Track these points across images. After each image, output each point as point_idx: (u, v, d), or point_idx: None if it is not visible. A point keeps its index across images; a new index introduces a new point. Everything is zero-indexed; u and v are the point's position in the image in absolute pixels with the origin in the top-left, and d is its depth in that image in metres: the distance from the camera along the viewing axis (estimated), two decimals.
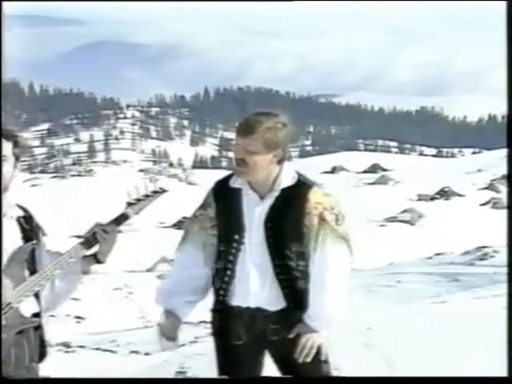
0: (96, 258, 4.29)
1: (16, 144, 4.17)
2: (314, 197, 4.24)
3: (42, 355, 4.31)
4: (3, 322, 4.07)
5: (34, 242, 4.25)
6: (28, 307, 4.18)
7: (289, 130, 4.27)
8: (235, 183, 4.36)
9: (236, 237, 4.31)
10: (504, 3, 4.96)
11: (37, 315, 4.25)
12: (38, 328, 4.27)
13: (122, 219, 4.26)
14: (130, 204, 4.27)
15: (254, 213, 4.30)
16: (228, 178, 4.43)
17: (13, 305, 4.09)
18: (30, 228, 4.27)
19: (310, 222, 4.22)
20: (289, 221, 4.25)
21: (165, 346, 4.57)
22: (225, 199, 4.38)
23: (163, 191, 4.34)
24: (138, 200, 4.28)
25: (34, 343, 4.25)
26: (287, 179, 4.30)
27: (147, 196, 4.30)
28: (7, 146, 4.15)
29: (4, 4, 5.46)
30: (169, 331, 4.49)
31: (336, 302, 4.25)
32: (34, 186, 78.10)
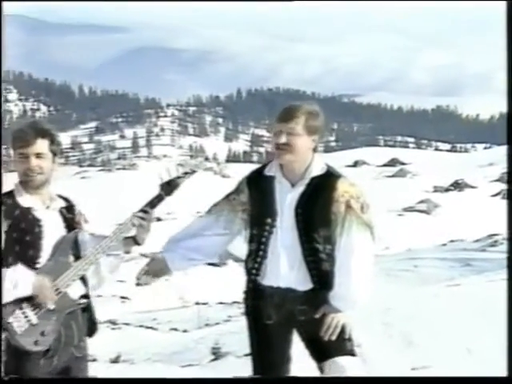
0: (135, 240, 4.27)
1: (52, 141, 4.15)
2: (342, 186, 4.23)
3: (91, 332, 4.31)
4: (52, 306, 4.07)
5: (77, 230, 4.25)
6: (75, 290, 4.18)
7: (323, 119, 4.32)
8: (270, 171, 4.36)
9: (268, 221, 4.30)
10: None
11: (84, 297, 4.24)
12: (86, 309, 4.27)
13: (156, 201, 4.25)
14: (163, 186, 4.26)
15: (286, 199, 4.28)
16: (262, 168, 4.43)
17: (60, 290, 4.08)
18: (72, 217, 4.26)
19: (338, 209, 4.21)
20: (318, 207, 4.24)
21: (143, 280, 4.58)
22: (258, 186, 4.38)
23: (192, 172, 4.32)
24: (170, 182, 4.27)
25: (82, 323, 4.24)
26: (317, 169, 4.29)
27: (178, 177, 4.28)
28: (44, 144, 4.13)
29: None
30: (154, 273, 4.52)
31: (360, 285, 4.23)
32: (83, 178, 78.60)
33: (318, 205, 4.22)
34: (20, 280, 3.98)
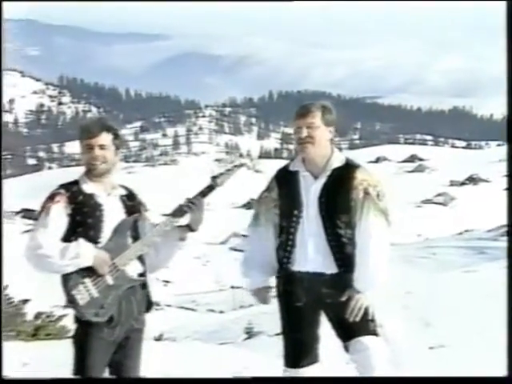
0: (189, 227, 4.33)
1: (116, 136, 4.29)
2: (360, 175, 4.28)
3: (148, 307, 4.39)
4: (111, 282, 4.14)
5: (136, 215, 4.33)
6: (134, 269, 4.27)
7: (335, 113, 4.41)
8: (294, 167, 4.41)
9: (295, 212, 4.34)
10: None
11: (142, 275, 4.32)
12: (144, 286, 4.35)
13: (207, 190, 4.32)
14: (214, 177, 4.32)
15: (310, 190, 4.32)
16: (287, 165, 4.49)
17: (119, 267, 4.18)
18: (132, 204, 4.35)
19: (357, 195, 4.24)
20: (339, 196, 4.27)
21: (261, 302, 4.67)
22: (285, 182, 4.41)
23: (241, 165, 4.40)
24: (221, 174, 4.32)
25: (141, 299, 4.32)
26: (337, 161, 4.34)
27: (228, 170, 4.34)
28: (108, 137, 4.26)
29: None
30: (261, 296, 4.59)
31: (377, 265, 4.24)
32: (129, 173, 78.85)
33: (339, 193, 4.26)
34: (82, 251, 4.08)
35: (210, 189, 4.32)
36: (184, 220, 4.30)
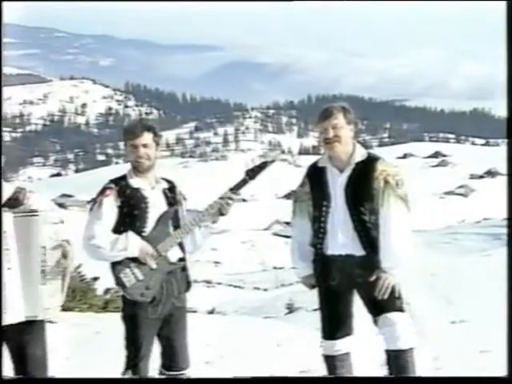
0: (221, 212, 4.28)
1: (155, 134, 4.26)
2: (381, 166, 4.26)
3: (187, 288, 4.35)
4: (155, 266, 4.15)
5: (177, 206, 4.31)
6: (174, 254, 4.25)
7: (353, 112, 4.38)
8: (322, 163, 4.41)
9: (325, 203, 4.32)
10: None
11: (181, 260, 4.31)
12: (184, 269, 4.33)
13: (242, 184, 4.28)
14: (247, 172, 4.28)
15: (336, 183, 4.31)
16: (316, 162, 4.49)
17: (161, 253, 4.18)
18: (173, 196, 4.33)
19: (378, 184, 4.21)
20: (362, 186, 4.25)
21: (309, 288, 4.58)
22: (315, 177, 4.40)
23: (272, 161, 4.34)
24: (254, 169, 4.28)
25: (181, 280, 4.30)
26: (359, 156, 4.32)
27: (260, 165, 4.30)
28: (149, 136, 4.23)
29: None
30: (308, 283, 4.52)
31: (399, 245, 4.20)
32: (185, 167, 79.34)
33: (362, 184, 4.23)
34: (129, 244, 4.09)
35: (244, 182, 4.29)
36: (216, 207, 4.27)
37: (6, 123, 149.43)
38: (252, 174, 4.28)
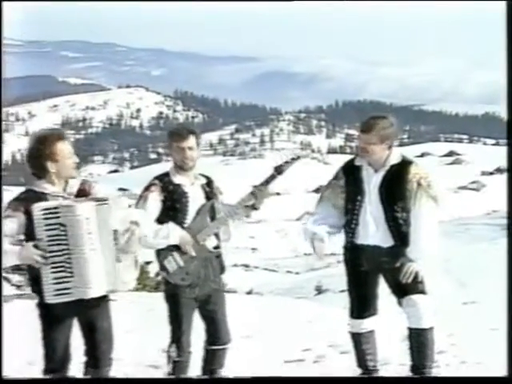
0: (254, 206, 4.28)
1: (197, 137, 4.26)
2: (414, 169, 4.23)
3: (222, 272, 4.37)
4: (194, 254, 4.18)
5: (213, 199, 4.31)
6: (211, 243, 4.27)
7: (394, 128, 4.28)
8: (358, 162, 4.36)
9: (359, 197, 4.29)
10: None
11: (217, 247, 4.32)
12: (219, 256, 4.34)
13: (271, 179, 4.27)
14: (276, 168, 4.28)
15: (371, 181, 4.27)
16: (353, 159, 4.43)
17: (200, 242, 4.20)
18: (210, 190, 4.33)
19: (411, 186, 4.19)
20: (396, 186, 4.21)
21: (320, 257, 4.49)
22: (351, 173, 4.36)
23: (298, 158, 4.35)
24: (281, 165, 4.28)
25: (216, 265, 4.32)
26: (394, 158, 4.27)
27: (287, 162, 4.30)
28: (193, 139, 4.24)
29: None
30: (319, 250, 4.42)
31: (427, 240, 4.20)
32: (226, 164, 79.38)
33: (396, 184, 4.18)
34: (171, 233, 4.11)
35: (272, 177, 4.28)
36: (251, 201, 4.27)
37: (71, 126, 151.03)
38: (279, 169, 4.28)
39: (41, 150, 3.77)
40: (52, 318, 3.84)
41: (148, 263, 12.20)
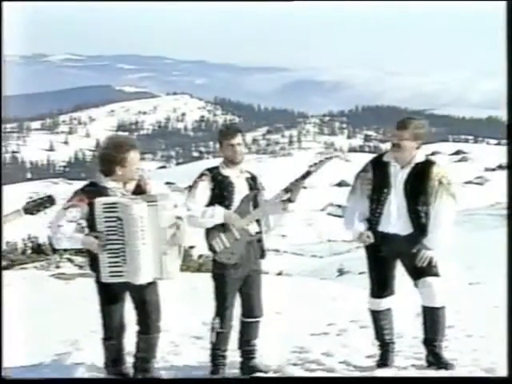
0: (290, 200, 4.28)
1: (242, 134, 4.28)
2: (436, 169, 4.20)
3: (262, 255, 4.34)
4: (238, 237, 4.17)
5: (256, 191, 4.31)
6: (253, 228, 4.25)
7: (426, 130, 4.26)
8: (387, 158, 4.30)
9: (385, 190, 4.24)
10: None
11: (258, 233, 4.29)
12: (259, 240, 4.32)
13: (306, 175, 4.26)
14: (310, 166, 4.27)
15: (397, 176, 4.23)
16: (381, 155, 4.38)
17: (243, 227, 4.18)
18: (254, 184, 4.32)
19: (433, 183, 4.16)
20: (419, 183, 4.18)
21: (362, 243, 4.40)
22: (379, 168, 4.30)
23: (331, 158, 4.35)
24: (315, 164, 4.27)
25: (257, 248, 4.29)
26: (419, 158, 4.24)
27: (320, 161, 4.29)
28: (240, 137, 4.26)
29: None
30: (362, 239, 4.31)
31: (445, 233, 4.19)
32: (259, 162, 79.33)
33: (420, 181, 4.15)
34: (216, 212, 4.11)
35: (307, 174, 4.26)
36: (287, 195, 4.27)
37: (125, 129, 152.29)
38: (314, 168, 4.26)
39: (114, 156, 3.89)
40: (107, 293, 3.96)
41: (191, 247, 12.28)
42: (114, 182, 3.90)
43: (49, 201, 3.63)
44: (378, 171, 4.28)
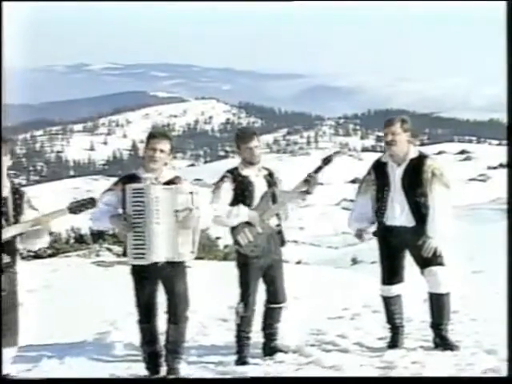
0: (307, 191, 4.28)
1: (257, 136, 4.28)
2: (429, 162, 4.17)
3: (282, 245, 4.34)
4: (261, 230, 4.16)
5: (274, 187, 4.29)
6: (273, 222, 4.25)
7: (410, 123, 4.26)
8: (384, 159, 4.31)
9: (386, 188, 4.24)
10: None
11: (278, 225, 4.29)
12: (280, 232, 4.31)
13: (318, 169, 4.29)
14: (322, 160, 4.30)
15: (395, 174, 4.22)
16: (380, 157, 4.38)
17: (264, 221, 4.17)
18: (272, 179, 4.31)
19: (427, 175, 4.13)
20: (415, 176, 4.15)
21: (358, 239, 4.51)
22: (379, 169, 4.31)
23: (338, 152, 4.42)
24: (327, 157, 4.31)
25: (277, 240, 4.29)
26: (412, 154, 4.22)
27: (330, 155, 4.33)
28: (257, 139, 4.24)
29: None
30: (358, 235, 4.43)
31: (442, 220, 4.14)
32: (279, 160, 79.37)
33: (415, 175, 4.12)
34: (240, 212, 4.11)
35: (320, 167, 4.29)
36: (304, 187, 4.28)
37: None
38: (325, 162, 4.29)
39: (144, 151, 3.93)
40: (139, 279, 3.92)
41: (218, 238, 12.34)
42: (148, 174, 3.89)
43: (91, 202, 3.61)
44: (379, 172, 4.30)
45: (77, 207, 3.58)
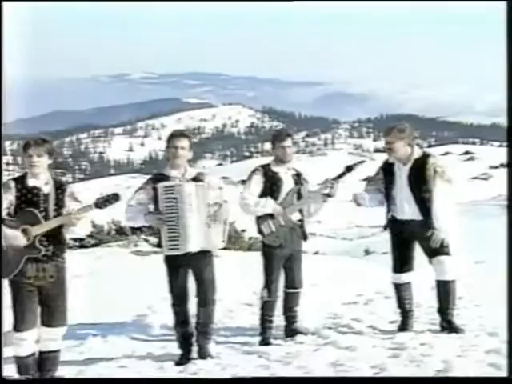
0: (329, 195, 4.25)
1: (291, 137, 4.31)
2: (431, 160, 4.13)
3: (304, 238, 4.33)
4: (282, 223, 4.15)
5: (300, 185, 4.28)
6: (296, 216, 4.24)
7: (409, 129, 4.19)
8: (391, 160, 4.27)
9: (394, 186, 4.21)
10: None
11: (300, 220, 4.28)
12: (301, 226, 4.29)
13: (341, 175, 4.26)
14: (347, 167, 4.28)
15: (402, 173, 4.19)
16: (388, 159, 4.32)
17: (287, 215, 4.18)
18: (298, 179, 4.29)
19: (430, 172, 4.09)
20: (420, 174, 4.11)
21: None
22: (387, 169, 4.28)
23: (363, 161, 4.42)
24: (350, 166, 4.27)
25: (299, 233, 4.28)
26: (416, 154, 4.17)
27: (354, 164, 4.30)
28: (290, 139, 4.27)
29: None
30: (359, 201, 4.37)
31: (445, 213, 4.09)
32: (299, 160, 78.91)
33: (420, 173, 4.08)
34: (267, 204, 4.12)
35: (343, 174, 4.25)
36: (326, 190, 4.23)
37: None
38: (348, 169, 4.26)
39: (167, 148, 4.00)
40: (172, 267, 3.94)
41: (243, 231, 12.33)
42: (175, 171, 3.91)
43: (114, 197, 3.59)
44: (387, 172, 4.27)
45: (102, 202, 3.58)
